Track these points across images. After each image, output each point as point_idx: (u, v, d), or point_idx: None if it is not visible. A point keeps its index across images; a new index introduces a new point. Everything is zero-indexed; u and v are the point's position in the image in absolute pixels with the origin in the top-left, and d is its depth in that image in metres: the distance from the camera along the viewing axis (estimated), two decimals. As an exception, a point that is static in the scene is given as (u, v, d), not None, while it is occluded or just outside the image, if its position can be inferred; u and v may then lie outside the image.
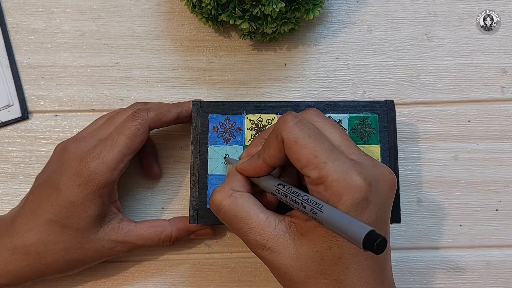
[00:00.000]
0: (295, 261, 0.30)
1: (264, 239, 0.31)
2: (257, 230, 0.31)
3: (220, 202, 0.32)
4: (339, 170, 0.29)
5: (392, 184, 0.31)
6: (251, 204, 0.32)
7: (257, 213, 0.31)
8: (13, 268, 0.35)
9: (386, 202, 0.31)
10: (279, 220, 0.31)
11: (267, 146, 0.32)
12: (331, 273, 0.29)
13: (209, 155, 0.38)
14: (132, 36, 0.45)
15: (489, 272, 0.42)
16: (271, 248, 0.30)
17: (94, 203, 0.35)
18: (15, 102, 0.43)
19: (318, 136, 0.30)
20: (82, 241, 0.36)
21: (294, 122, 0.30)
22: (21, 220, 0.36)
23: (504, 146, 0.43)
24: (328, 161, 0.29)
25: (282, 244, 0.30)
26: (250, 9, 0.39)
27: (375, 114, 0.38)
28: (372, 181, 0.29)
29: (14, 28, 0.45)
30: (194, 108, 0.38)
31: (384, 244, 0.24)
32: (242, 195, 0.32)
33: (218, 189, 0.33)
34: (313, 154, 0.29)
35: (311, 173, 0.29)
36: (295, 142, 0.30)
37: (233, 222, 0.32)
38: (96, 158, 0.35)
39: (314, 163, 0.29)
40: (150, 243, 0.38)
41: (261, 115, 0.39)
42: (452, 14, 0.45)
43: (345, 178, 0.28)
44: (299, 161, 0.30)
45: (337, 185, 0.28)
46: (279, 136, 0.30)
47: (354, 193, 0.28)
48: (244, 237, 0.32)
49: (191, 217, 0.37)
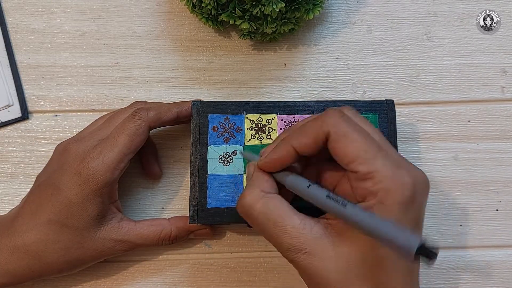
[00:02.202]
0: (334, 263, 0.29)
1: (300, 242, 0.29)
2: (293, 234, 0.30)
3: (251, 206, 0.31)
4: (389, 167, 0.28)
5: (428, 185, 0.31)
6: (284, 207, 0.31)
7: (291, 215, 0.30)
8: (13, 268, 0.35)
9: (424, 202, 0.31)
10: (314, 222, 0.30)
11: (303, 133, 0.31)
12: (373, 276, 0.28)
13: (209, 155, 0.38)
14: (132, 36, 0.45)
15: (489, 272, 0.42)
16: (307, 251, 0.29)
17: (94, 203, 0.35)
18: (15, 102, 0.43)
19: (366, 133, 0.30)
20: (82, 240, 0.36)
21: (342, 118, 0.30)
22: (21, 220, 0.36)
23: (504, 146, 0.43)
24: (377, 156, 0.29)
25: (320, 247, 0.29)
26: (250, 9, 0.39)
27: (375, 114, 0.38)
28: (416, 181, 0.29)
29: (14, 28, 0.45)
30: (194, 108, 0.38)
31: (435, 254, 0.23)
32: (273, 197, 0.31)
33: (247, 192, 0.31)
34: (363, 149, 0.29)
35: (360, 167, 0.29)
36: (344, 136, 0.29)
37: (266, 227, 0.30)
38: (96, 158, 0.35)
39: (364, 157, 0.29)
40: (150, 242, 0.38)
41: (261, 115, 0.39)
42: (452, 14, 0.45)
43: (395, 174, 0.28)
44: (346, 156, 0.29)
45: (386, 180, 0.28)
46: (325, 127, 0.30)
47: (403, 190, 0.28)
48: (277, 241, 0.30)
49: (191, 217, 0.37)
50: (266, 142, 0.38)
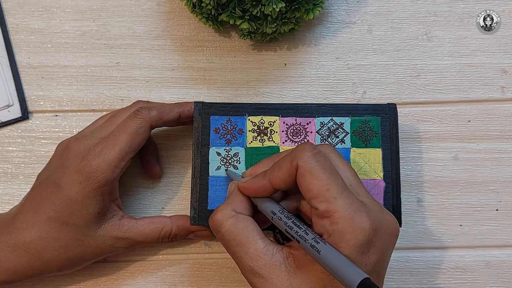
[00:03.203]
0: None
1: (259, 266, 0.30)
2: (253, 256, 0.30)
3: (221, 223, 0.32)
4: (348, 208, 0.28)
5: (395, 233, 0.31)
6: (251, 230, 0.31)
7: (256, 239, 0.31)
8: (13, 265, 0.35)
9: (387, 249, 0.30)
10: (277, 249, 0.31)
11: (277, 167, 0.31)
12: None
13: (211, 157, 0.38)
14: (132, 36, 0.45)
15: (489, 272, 0.42)
16: (264, 276, 0.30)
17: (95, 201, 0.35)
18: (15, 102, 0.43)
19: (333, 171, 0.30)
20: (83, 238, 0.36)
21: (312, 153, 0.30)
22: (22, 217, 0.36)
23: (504, 146, 0.43)
24: (338, 197, 0.29)
25: (276, 274, 0.30)
26: (250, 9, 0.39)
27: (377, 117, 0.38)
28: (378, 226, 0.29)
29: (14, 28, 0.45)
30: (196, 109, 0.38)
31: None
32: (244, 218, 0.32)
33: (220, 208, 0.32)
34: (325, 187, 0.29)
35: (320, 205, 0.29)
36: (309, 171, 0.29)
37: (231, 245, 0.31)
38: (97, 156, 0.35)
39: (325, 196, 0.29)
40: (150, 240, 0.38)
41: (263, 117, 0.39)
42: (452, 14, 0.45)
43: (352, 217, 0.28)
44: (309, 191, 0.29)
45: (344, 222, 0.28)
46: (294, 162, 0.30)
47: (359, 234, 0.28)
48: (238, 261, 0.31)
49: (192, 218, 0.37)
50: (267, 144, 0.38)
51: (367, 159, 0.38)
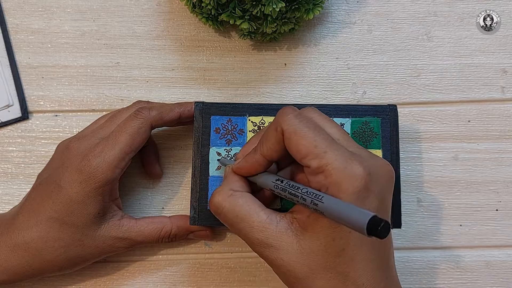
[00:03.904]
0: (299, 256, 0.30)
1: (266, 237, 0.31)
2: (259, 229, 0.31)
3: (220, 204, 0.32)
4: (339, 159, 0.29)
5: (390, 175, 0.31)
6: (251, 203, 0.32)
7: (258, 211, 0.31)
8: (13, 265, 0.35)
9: (385, 192, 0.31)
10: (280, 217, 0.31)
11: (265, 139, 0.32)
12: (335, 266, 0.29)
13: (211, 157, 0.38)
14: (132, 36, 0.45)
15: (489, 272, 0.42)
16: (273, 245, 0.30)
17: (95, 201, 0.35)
18: (15, 102, 0.43)
19: (318, 128, 0.31)
20: (83, 238, 0.36)
21: (293, 115, 0.31)
22: (22, 217, 0.36)
23: (504, 146, 0.43)
24: (328, 150, 0.29)
25: (285, 241, 0.30)
26: (250, 9, 0.39)
27: (377, 118, 0.38)
28: (372, 171, 0.29)
29: (14, 28, 0.45)
30: (196, 109, 0.38)
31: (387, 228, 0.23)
32: (242, 194, 0.32)
33: (217, 190, 0.33)
34: (313, 144, 0.29)
35: (311, 162, 0.29)
36: (294, 132, 0.30)
37: (234, 223, 0.32)
38: (97, 156, 0.35)
39: (314, 152, 0.29)
40: (150, 240, 0.38)
41: (264, 117, 0.39)
42: (452, 14, 0.45)
43: (345, 166, 0.29)
44: (299, 152, 0.30)
45: (337, 174, 0.28)
46: (279, 128, 0.30)
47: (354, 181, 0.28)
48: (246, 237, 0.32)
49: (192, 218, 0.37)
50: None
51: (367, 160, 0.38)
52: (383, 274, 0.30)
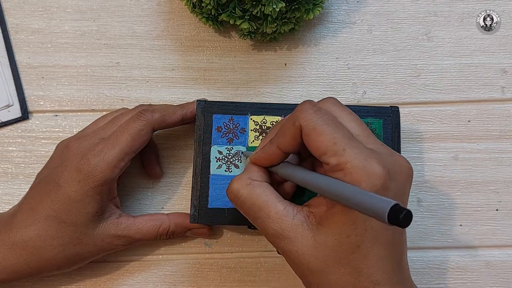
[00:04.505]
0: (314, 250, 0.30)
1: (282, 228, 0.31)
2: (275, 219, 0.31)
3: (238, 191, 0.32)
4: (358, 157, 0.29)
5: (409, 173, 0.31)
6: (269, 194, 0.32)
7: (275, 202, 0.31)
8: (11, 264, 0.35)
9: (403, 190, 0.31)
10: (297, 210, 0.31)
11: (282, 132, 0.32)
12: (349, 262, 0.29)
13: (212, 155, 0.38)
14: (132, 36, 0.45)
15: (489, 272, 0.42)
16: (289, 237, 0.30)
17: (93, 200, 0.35)
18: (15, 102, 0.43)
19: (337, 124, 0.30)
20: (81, 236, 0.36)
21: (313, 110, 0.30)
22: (21, 216, 0.36)
23: (504, 146, 0.43)
24: (347, 148, 0.29)
25: (301, 233, 0.30)
26: (250, 9, 0.39)
27: (379, 120, 0.38)
28: (390, 170, 0.29)
29: (14, 28, 0.45)
30: (198, 107, 0.38)
31: (409, 217, 0.23)
32: (260, 184, 0.32)
33: (236, 178, 0.33)
34: (332, 141, 0.29)
35: (330, 160, 0.29)
36: (313, 129, 0.30)
37: (251, 211, 0.32)
38: (97, 155, 0.35)
39: (333, 150, 0.29)
40: (148, 237, 0.38)
41: (266, 116, 0.39)
42: (452, 14, 0.45)
43: (364, 165, 0.28)
44: (317, 149, 0.30)
45: (357, 172, 0.28)
46: (297, 123, 0.30)
47: (373, 180, 0.28)
48: (262, 226, 0.32)
49: (192, 216, 0.37)
50: None
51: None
52: (397, 271, 0.30)
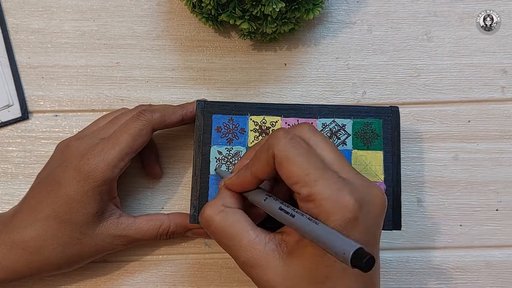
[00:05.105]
0: (284, 279, 0.30)
1: (253, 257, 0.30)
2: (247, 248, 0.31)
3: (211, 218, 0.32)
4: (330, 189, 0.28)
5: (382, 205, 0.31)
6: (242, 222, 0.32)
7: (247, 230, 0.31)
8: (11, 264, 0.35)
9: (375, 223, 0.30)
10: (269, 238, 0.31)
11: (256, 159, 0.32)
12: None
13: (212, 155, 0.38)
14: (132, 36, 0.45)
15: (489, 272, 0.42)
16: (259, 265, 0.30)
17: (93, 200, 0.35)
18: (15, 102, 0.43)
19: (310, 154, 0.30)
20: (81, 236, 0.36)
21: (286, 139, 0.30)
22: (21, 216, 0.36)
23: (504, 146, 0.43)
24: (319, 179, 0.29)
25: (271, 262, 0.30)
26: (250, 9, 0.39)
27: (379, 119, 0.38)
28: (363, 202, 0.29)
29: (14, 28, 0.45)
30: (198, 107, 0.38)
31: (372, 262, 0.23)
32: (233, 211, 0.32)
33: (209, 204, 0.33)
34: (305, 172, 0.29)
35: (302, 190, 0.29)
36: (286, 159, 0.29)
37: (223, 239, 0.31)
38: (97, 155, 0.35)
39: (305, 180, 0.29)
40: (148, 237, 0.38)
41: (265, 116, 0.39)
42: (452, 14, 0.45)
43: (336, 197, 0.28)
44: (289, 178, 0.29)
45: (327, 204, 0.28)
46: (270, 151, 0.30)
47: (344, 212, 0.28)
48: (233, 254, 0.31)
49: (192, 217, 0.37)
50: None
51: (368, 161, 0.38)
52: None
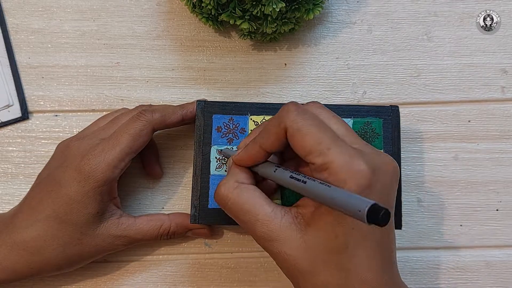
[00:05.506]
0: (302, 251, 0.30)
1: (271, 230, 0.31)
2: (264, 222, 0.31)
3: (226, 195, 0.32)
4: (344, 156, 0.29)
5: (394, 171, 0.31)
6: (257, 197, 0.32)
7: (263, 205, 0.31)
8: (11, 264, 0.35)
9: (389, 189, 0.31)
10: (285, 211, 0.32)
11: (266, 132, 0.32)
12: (337, 262, 0.30)
13: (212, 155, 0.38)
14: (132, 36, 0.45)
15: (489, 272, 0.42)
16: (277, 239, 0.31)
17: (94, 200, 0.35)
18: (15, 102, 0.43)
19: (322, 125, 0.31)
20: (81, 237, 0.36)
21: (297, 112, 0.31)
22: (21, 216, 0.36)
23: (504, 146, 0.43)
24: (332, 147, 0.29)
25: (289, 235, 0.30)
26: (250, 9, 0.39)
27: (379, 119, 0.38)
28: (376, 168, 0.29)
29: (14, 28, 0.45)
30: (198, 107, 0.38)
31: (388, 216, 0.23)
32: (247, 187, 0.32)
33: (223, 182, 0.33)
34: (317, 141, 0.29)
35: (316, 159, 0.29)
36: (298, 130, 0.30)
37: (240, 215, 0.32)
38: (97, 156, 0.35)
39: (318, 149, 0.29)
40: (149, 237, 0.38)
41: (265, 116, 0.39)
42: (452, 14, 0.45)
43: (349, 164, 0.29)
44: (303, 148, 0.30)
45: (342, 171, 0.28)
46: (282, 124, 0.31)
47: (358, 178, 0.28)
48: (250, 229, 0.32)
49: (192, 217, 0.37)
50: None
51: (367, 160, 0.38)
52: (386, 269, 0.30)
